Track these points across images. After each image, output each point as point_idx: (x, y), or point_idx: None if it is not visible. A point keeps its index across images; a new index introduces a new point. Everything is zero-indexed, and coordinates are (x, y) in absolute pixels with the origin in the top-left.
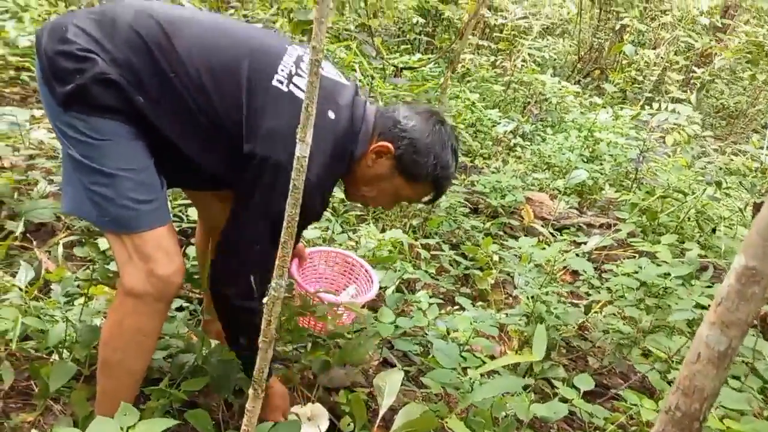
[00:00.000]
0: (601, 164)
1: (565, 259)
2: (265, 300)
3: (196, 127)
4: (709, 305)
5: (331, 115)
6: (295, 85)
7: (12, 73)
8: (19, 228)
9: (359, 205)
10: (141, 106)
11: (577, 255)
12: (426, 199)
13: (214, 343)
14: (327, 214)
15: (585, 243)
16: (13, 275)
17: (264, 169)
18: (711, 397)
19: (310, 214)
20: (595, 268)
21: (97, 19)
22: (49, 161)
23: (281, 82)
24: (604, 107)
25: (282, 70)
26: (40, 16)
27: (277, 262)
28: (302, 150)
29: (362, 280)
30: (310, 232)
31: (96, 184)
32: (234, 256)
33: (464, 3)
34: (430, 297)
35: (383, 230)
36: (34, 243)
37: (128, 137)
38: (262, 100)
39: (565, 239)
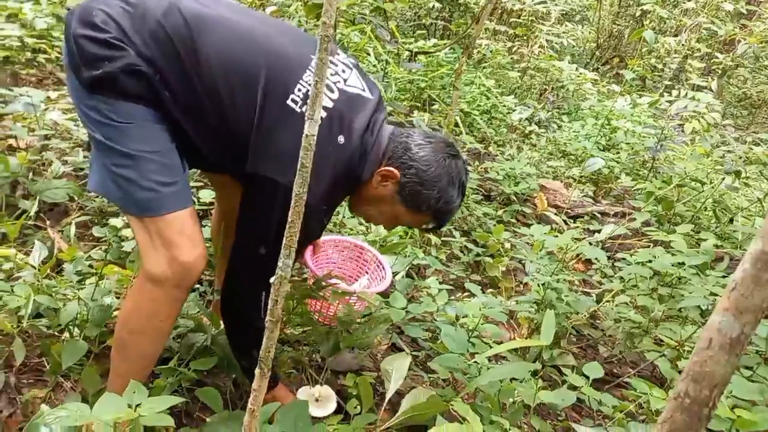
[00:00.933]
0: (618, 153)
1: (577, 247)
2: (272, 279)
3: (209, 128)
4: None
5: (341, 140)
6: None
7: (29, 54)
8: (33, 208)
9: None
10: (164, 99)
11: (591, 244)
12: (425, 227)
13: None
14: None
15: (599, 232)
16: (27, 254)
17: (271, 190)
18: (721, 385)
19: (308, 235)
20: (609, 257)
21: (128, 10)
22: (64, 142)
23: (296, 102)
24: (622, 95)
25: (299, 90)
26: None
27: (284, 242)
28: (311, 128)
29: (373, 269)
30: None
31: (119, 166)
32: (243, 271)
33: None
34: (441, 283)
35: None
36: (48, 222)
37: (151, 120)
38: (273, 119)
39: (578, 227)
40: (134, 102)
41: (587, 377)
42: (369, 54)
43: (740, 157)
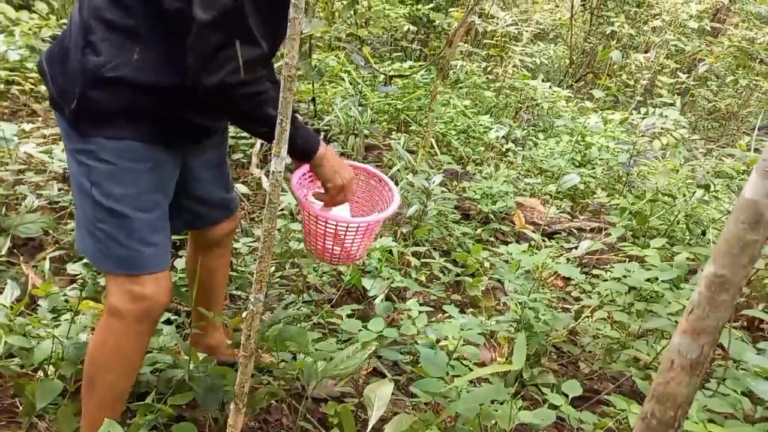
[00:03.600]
0: (593, 168)
1: (553, 265)
2: (247, 311)
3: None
4: None
5: None
6: None
7: (2, 87)
8: (6, 244)
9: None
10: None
11: (568, 260)
12: None
13: (202, 356)
14: None
15: (576, 248)
16: (0, 291)
17: None
18: (685, 404)
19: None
20: (586, 273)
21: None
22: (38, 175)
23: None
24: (595, 111)
25: None
26: (30, 29)
27: (255, 277)
28: (277, 165)
29: (378, 192)
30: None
31: (101, 222)
32: (211, 30)
33: (455, 11)
34: (421, 305)
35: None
36: (22, 258)
37: (141, 160)
38: None
39: (554, 245)
40: (120, 138)
41: (566, 396)
42: (344, 80)
43: (708, 172)
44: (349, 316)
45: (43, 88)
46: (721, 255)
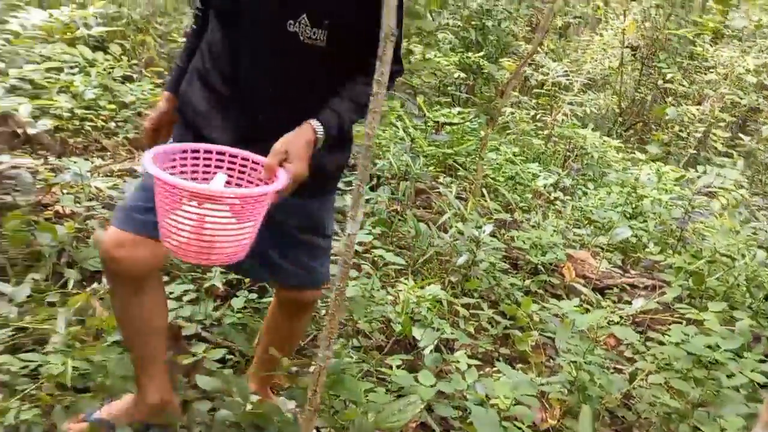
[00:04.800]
0: (645, 221)
1: (610, 327)
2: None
3: None
4: (762, 383)
5: None
6: None
7: (77, 123)
8: (76, 277)
9: (398, 259)
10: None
11: (621, 318)
12: None
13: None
14: (367, 268)
15: (629, 304)
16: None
17: None
18: None
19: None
20: (640, 332)
21: None
22: (106, 210)
23: None
24: (646, 162)
25: None
26: (105, 70)
27: (324, 333)
28: (352, 227)
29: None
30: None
31: None
32: None
33: (506, 61)
34: (469, 357)
35: (422, 285)
36: (89, 290)
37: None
38: None
39: (608, 305)
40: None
41: None
42: (397, 128)
43: None
44: (398, 366)
45: (113, 124)
46: None
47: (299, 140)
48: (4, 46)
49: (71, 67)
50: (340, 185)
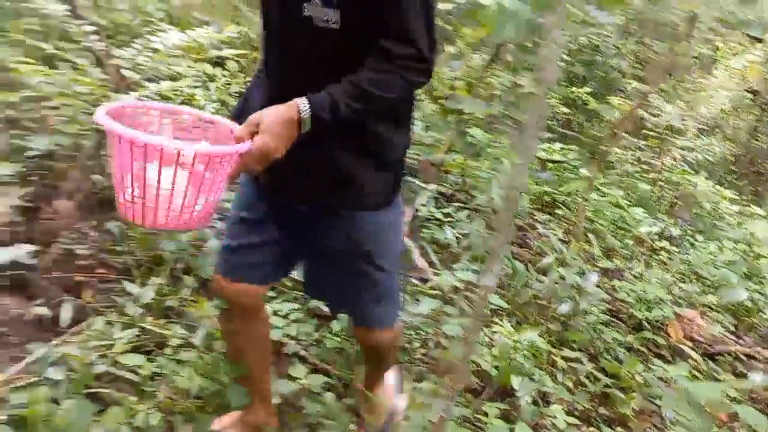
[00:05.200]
0: (761, 283)
1: (733, 406)
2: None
3: None
4: None
5: None
6: None
7: None
8: (192, 284)
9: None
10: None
11: (737, 392)
12: None
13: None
14: (463, 304)
15: (744, 376)
16: (188, 327)
17: None
18: None
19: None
20: (759, 410)
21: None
22: (220, 222)
23: None
24: (765, 218)
25: None
26: (222, 86)
27: (448, 383)
28: (489, 280)
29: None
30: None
31: None
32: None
33: (615, 98)
34: (566, 414)
35: (518, 329)
36: (205, 297)
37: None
38: None
39: (725, 377)
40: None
41: None
42: (503, 162)
43: None
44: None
45: None
46: None
47: (275, 115)
48: (146, 63)
49: (195, 81)
50: (439, 216)
